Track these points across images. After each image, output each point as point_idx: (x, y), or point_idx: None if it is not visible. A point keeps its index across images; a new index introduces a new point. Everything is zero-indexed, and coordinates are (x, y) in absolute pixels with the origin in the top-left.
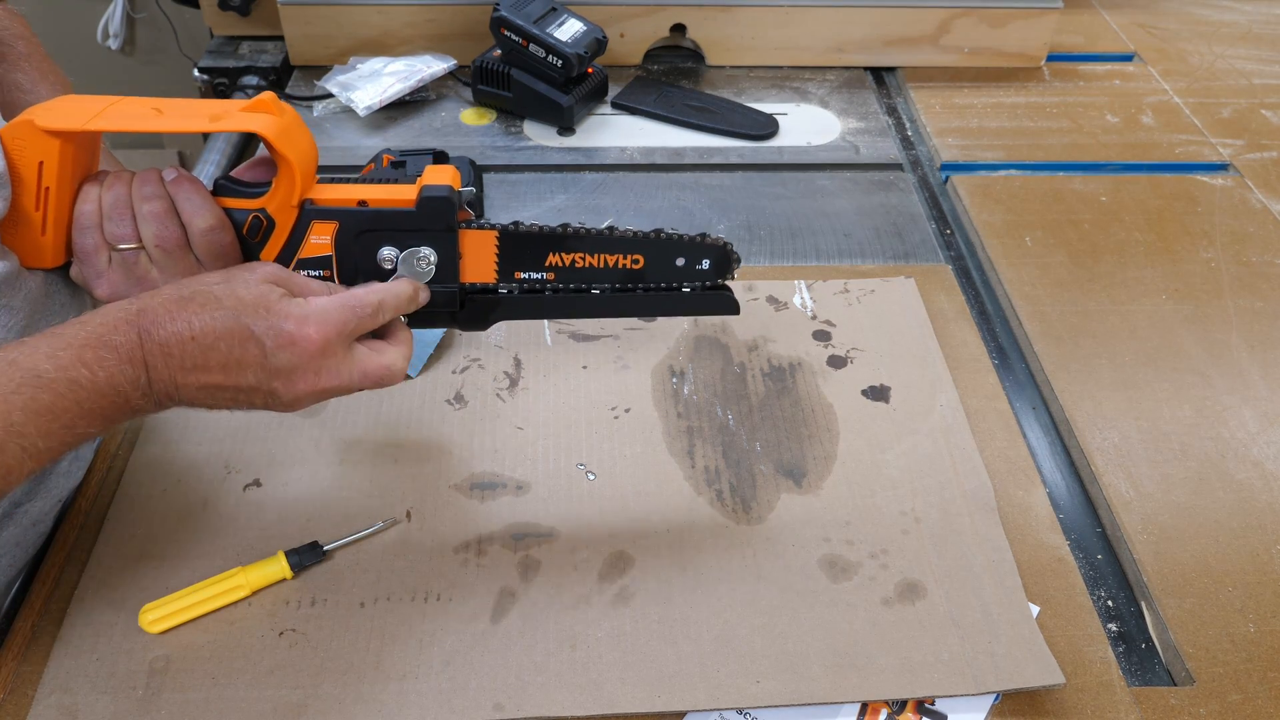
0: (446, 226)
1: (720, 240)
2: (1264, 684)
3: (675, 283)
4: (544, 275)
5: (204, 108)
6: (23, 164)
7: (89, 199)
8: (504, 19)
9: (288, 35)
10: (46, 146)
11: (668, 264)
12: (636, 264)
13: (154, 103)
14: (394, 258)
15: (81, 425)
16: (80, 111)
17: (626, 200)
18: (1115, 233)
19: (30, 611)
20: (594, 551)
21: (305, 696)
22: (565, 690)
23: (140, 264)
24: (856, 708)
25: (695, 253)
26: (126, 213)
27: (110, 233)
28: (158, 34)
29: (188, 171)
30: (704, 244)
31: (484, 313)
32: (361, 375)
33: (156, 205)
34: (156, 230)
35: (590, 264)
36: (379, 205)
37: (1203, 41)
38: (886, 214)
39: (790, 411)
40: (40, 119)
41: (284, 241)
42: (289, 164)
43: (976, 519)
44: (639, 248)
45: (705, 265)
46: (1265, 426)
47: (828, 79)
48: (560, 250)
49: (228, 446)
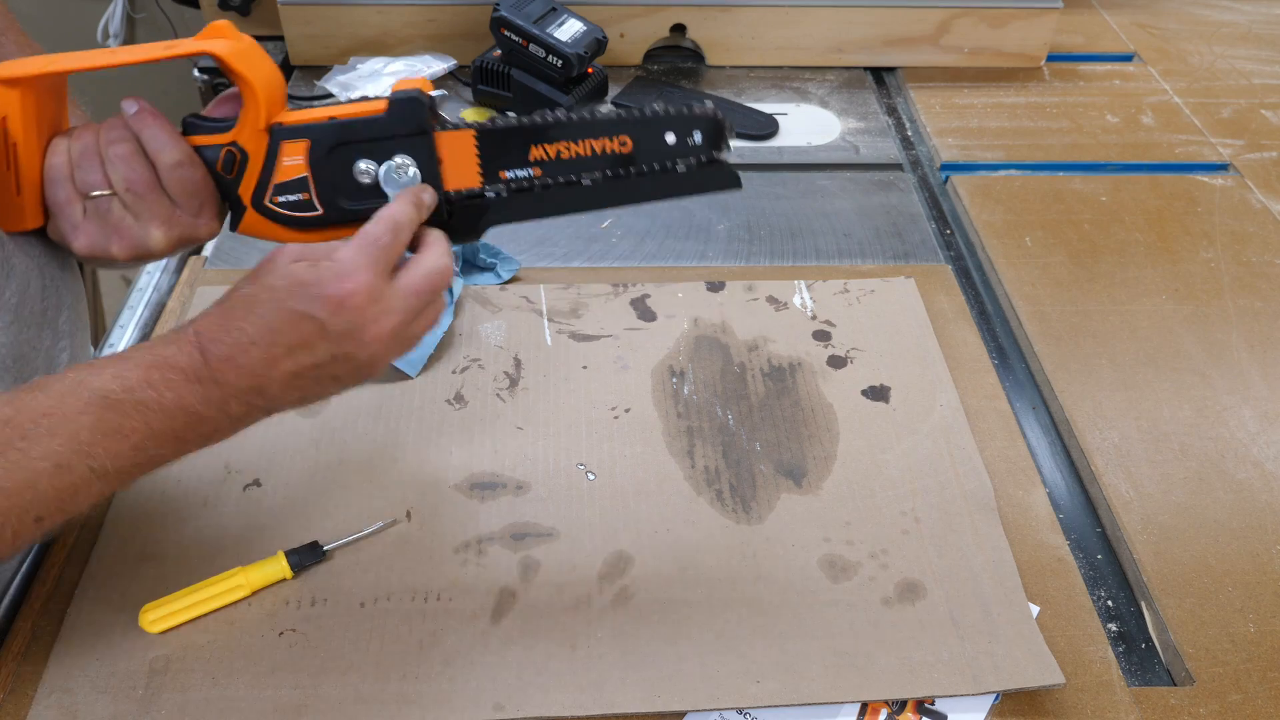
0: (419, 129)
1: (710, 109)
2: (1264, 684)
3: (669, 161)
4: (530, 171)
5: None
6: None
7: (58, 152)
8: (504, 19)
9: (288, 35)
10: (7, 99)
11: (658, 142)
12: (625, 146)
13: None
14: (371, 170)
15: (152, 447)
16: (44, 62)
17: None
18: (1115, 233)
19: (30, 611)
20: (594, 551)
21: (305, 696)
22: (565, 690)
23: (114, 211)
24: (856, 708)
25: (685, 125)
26: (95, 159)
27: (81, 181)
28: (158, 34)
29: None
30: (693, 115)
31: (474, 219)
32: (416, 294)
33: (123, 147)
34: (125, 173)
35: (577, 153)
36: (348, 116)
37: (1203, 41)
38: (886, 214)
39: (790, 411)
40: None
41: (259, 171)
42: (250, 86)
43: (976, 519)
44: (625, 128)
45: (698, 139)
46: (1265, 426)
47: (828, 79)
48: (543, 141)
49: (228, 446)
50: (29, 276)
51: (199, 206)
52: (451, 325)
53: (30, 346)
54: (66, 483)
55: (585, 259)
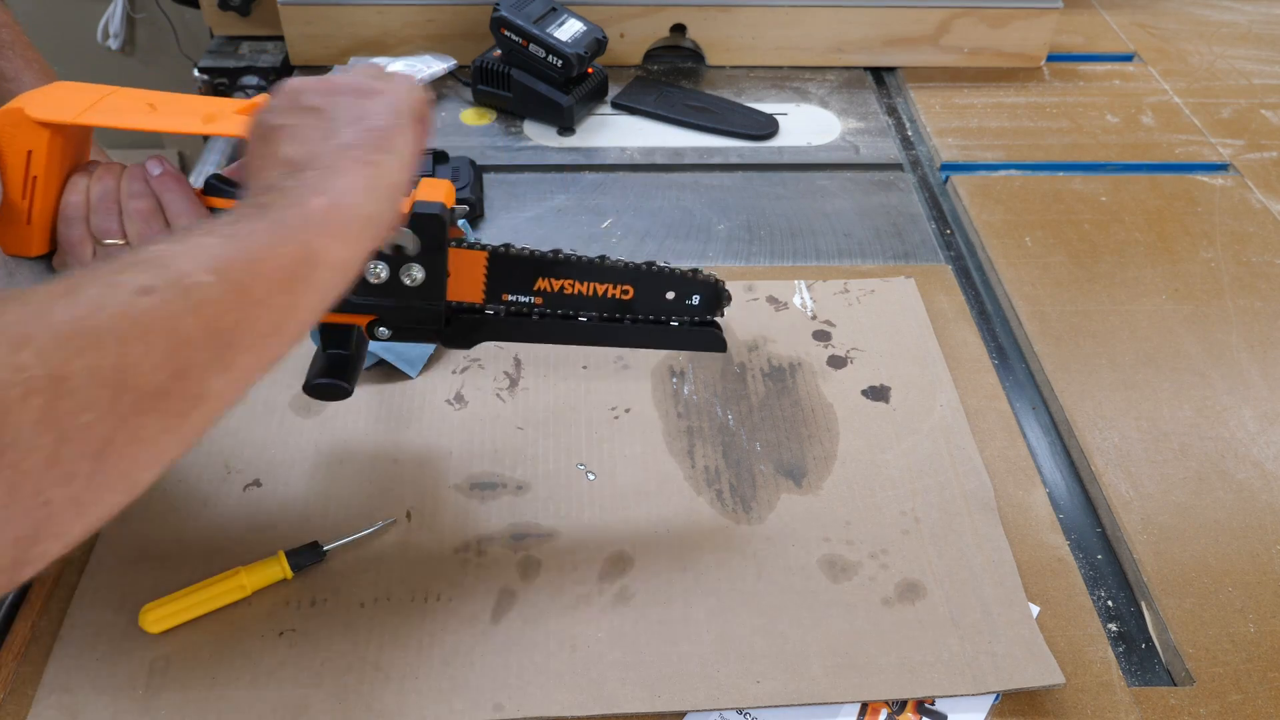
0: (437, 245)
1: (712, 277)
2: (1264, 684)
3: (664, 315)
4: (531, 299)
5: (199, 106)
6: (11, 151)
7: (77, 190)
8: (504, 19)
9: (288, 35)
10: (36, 136)
11: (657, 297)
12: (626, 294)
13: (149, 97)
14: (383, 273)
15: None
16: (73, 102)
17: (626, 200)
18: (1115, 233)
19: (30, 611)
20: (594, 551)
21: (305, 696)
22: (565, 690)
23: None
24: (856, 708)
25: (686, 287)
26: (113, 208)
27: (96, 226)
28: (158, 34)
29: (178, 170)
30: (695, 279)
31: (469, 331)
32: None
33: (142, 204)
34: (141, 229)
35: (579, 291)
36: None
37: (1203, 41)
38: (886, 214)
39: (790, 411)
40: (31, 108)
41: None
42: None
43: (976, 519)
44: (629, 278)
45: (695, 301)
46: (1265, 426)
47: (828, 79)
48: (549, 276)
49: (228, 446)
50: (33, 283)
51: None
52: None
53: None
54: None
55: None
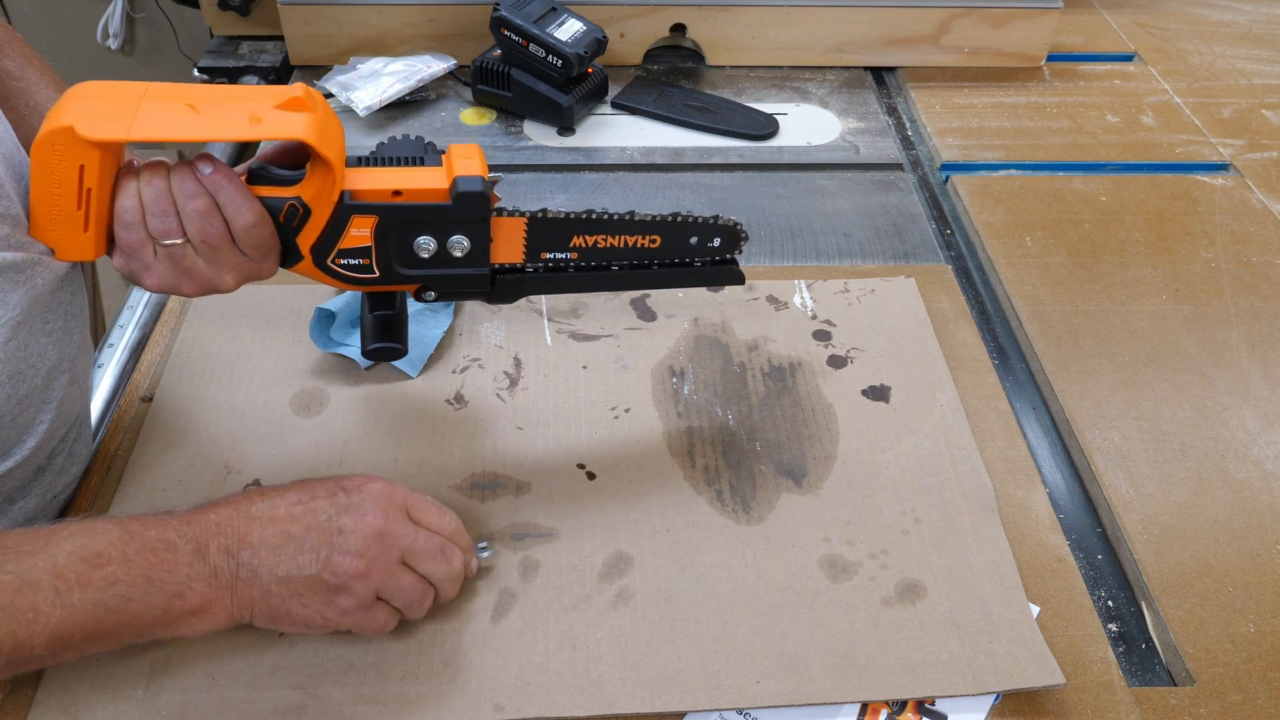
0: (480, 218)
1: (731, 221)
2: (1264, 684)
3: (688, 259)
4: (568, 255)
5: (239, 105)
6: (63, 169)
7: (129, 194)
8: (504, 19)
9: (288, 35)
10: (88, 153)
11: (682, 242)
12: (654, 243)
13: (185, 94)
14: (431, 246)
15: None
16: (117, 112)
17: (626, 200)
18: (1115, 233)
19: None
20: (594, 551)
21: (305, 697)
22: (565, 690)
23: (187, 256)
24: (856, 708)
25: (708, 232)
26: (169, 208)
27: (154, 228)
28: (158, 34)
29: (227, 165)
30: (716, 224)
31: (512, 289)
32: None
33: (199, 203)
34: (201, 227)
35: (611, 244)
36: (415, 199)
37: (1203, 41)
38: (886, 214)
39: (790, 411)
40: (81, 127)
41: (321, 229)
42: (328, 164)
43: (976, 519)
44: (657, 229)
45: (716, 243)
46: (1265, 426)
47: (828, 79)
48: (584, 233)
49: (227, 446)
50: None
51: (265, 254)
52: (451, 325)
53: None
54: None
55: None
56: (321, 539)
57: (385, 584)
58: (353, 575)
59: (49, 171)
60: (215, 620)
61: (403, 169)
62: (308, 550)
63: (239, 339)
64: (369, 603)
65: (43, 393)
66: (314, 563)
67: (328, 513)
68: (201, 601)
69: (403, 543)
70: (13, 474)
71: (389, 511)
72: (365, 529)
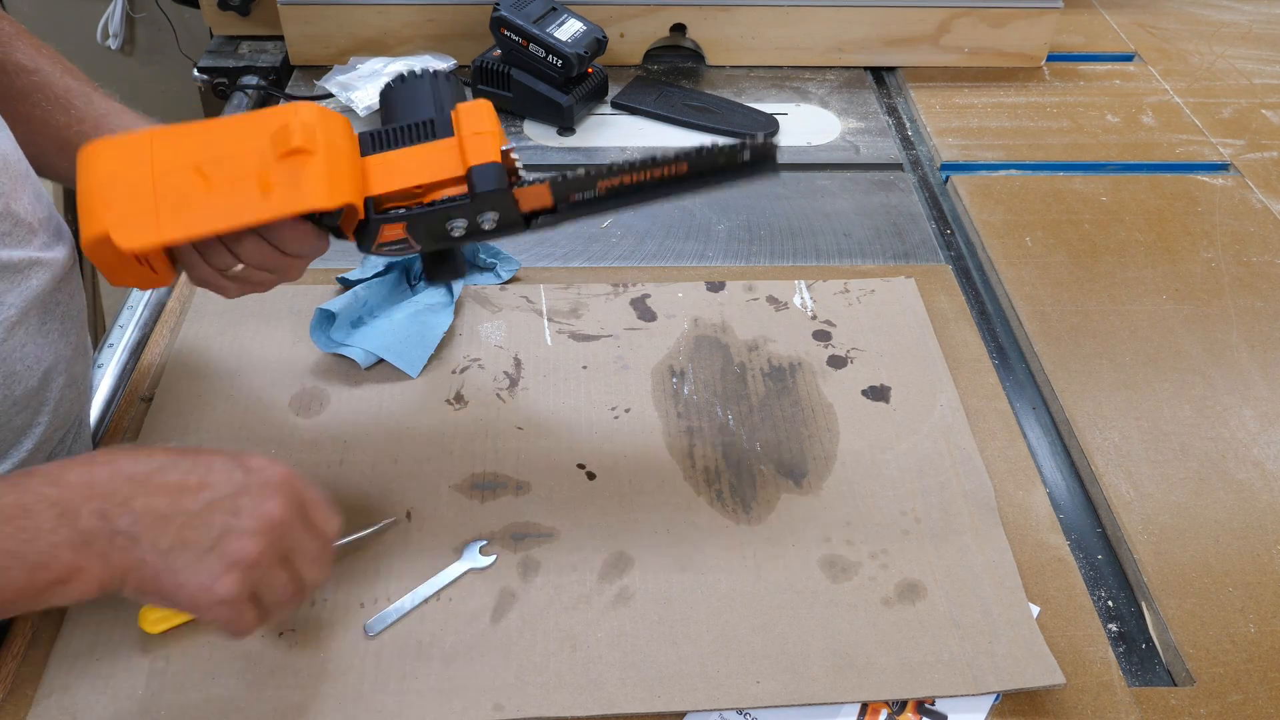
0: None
1: (760, 137)
2: (1264, 684)
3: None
4: (595, 193)
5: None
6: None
7: (184, 250)
8: (504, 19)
9: (288, 35)
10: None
11: (712, 164)
12: (681, 170)
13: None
14: (462, 226)
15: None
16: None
17: None
18: (1115, 233)
19: (30, 612)
20: (594, 551)
21: (305, 697)
22: (565, 690)
23: (254, 273)
24: (856, 708)
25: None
26: (219, 247)
27: (214, 263)
28: (157, 34)
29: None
30: (745, 145)
31: (548, 223)
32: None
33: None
34: (255, 255)
35: (638, 179)
36: (436, 195)
37: (1203, 41)
38: (886, 214)
39: (790, 411)
40: (119, 237)
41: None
42: (352, 206)
43: (976, 519)
44: (684, 158)
45: (747, 157)
46: (1265, 426)
47: (828, 79)
48: (610, 177)
49: (227, 446)
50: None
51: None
52: (451, 325)
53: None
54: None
55: (585, 259)
56: (216, 516)
57: (267, 577)
58: (243, 559)
59: (105, 263)
60: (84, 588)
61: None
62: (199, 525)
63: (239, 339)
64: (247, 593)
65: (39, 395)
66: (204, 539)
67: (226, 490)
68: (67, 570)
69: (292, 538)
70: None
71: (289, 502)
72: (264, 514)
